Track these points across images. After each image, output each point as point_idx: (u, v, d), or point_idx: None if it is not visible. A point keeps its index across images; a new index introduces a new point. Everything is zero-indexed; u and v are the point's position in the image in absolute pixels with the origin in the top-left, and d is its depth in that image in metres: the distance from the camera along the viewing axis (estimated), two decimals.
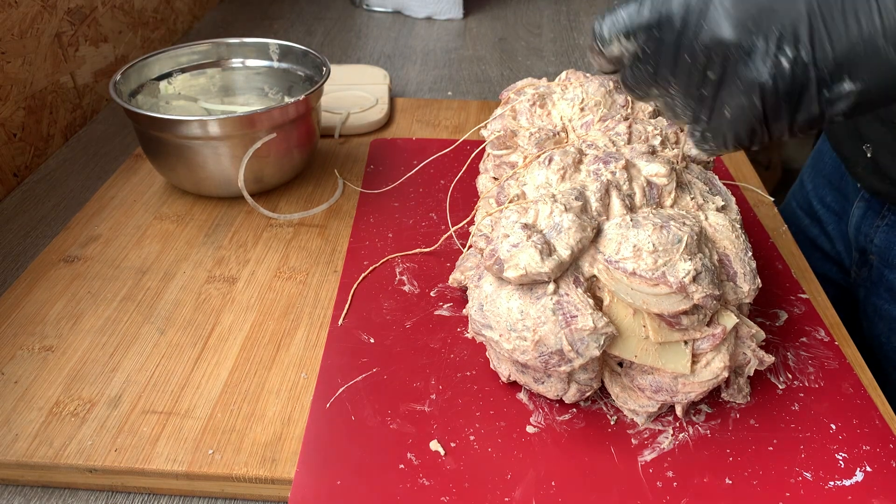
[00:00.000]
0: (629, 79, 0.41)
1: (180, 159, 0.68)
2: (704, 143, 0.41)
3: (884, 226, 0.68)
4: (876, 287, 0.70)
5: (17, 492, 0.47)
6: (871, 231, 0.70)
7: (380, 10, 1.36)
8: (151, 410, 0.49)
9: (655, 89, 0.41)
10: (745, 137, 0.38)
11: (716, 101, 0.38)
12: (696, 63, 0.37)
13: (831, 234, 0.78)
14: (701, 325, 0.45)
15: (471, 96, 1.02)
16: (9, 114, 0.77)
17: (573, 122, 0.56)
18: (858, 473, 0.45)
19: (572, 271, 0.44)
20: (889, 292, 0.68)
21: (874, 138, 0.64)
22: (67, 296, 0.59)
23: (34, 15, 0.80)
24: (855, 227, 0.72)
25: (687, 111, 0.40)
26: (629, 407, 0.48)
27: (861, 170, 0.67)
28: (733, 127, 0.38)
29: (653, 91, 0.41)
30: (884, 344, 0.69)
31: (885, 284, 0.69)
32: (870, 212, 0.70)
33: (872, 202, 0.70)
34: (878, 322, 0.70)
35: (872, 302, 0.71)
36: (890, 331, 0.68)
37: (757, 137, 0.38)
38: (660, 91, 0.40)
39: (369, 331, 0.55)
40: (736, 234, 0.47)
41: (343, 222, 0.70)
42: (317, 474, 0.44)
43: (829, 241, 0.78)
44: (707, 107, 0.39)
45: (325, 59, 0.76)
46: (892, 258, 0.68)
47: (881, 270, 0.69)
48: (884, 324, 0.69)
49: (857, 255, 0.73)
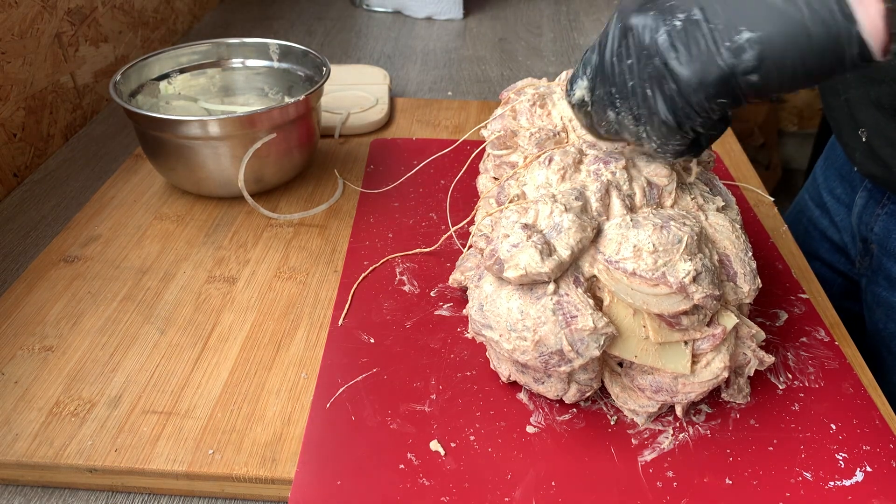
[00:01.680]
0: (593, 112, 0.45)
1: (180, 159, 0.68)
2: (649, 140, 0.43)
3: (883, 214, 0.69)
4: (875, 275, 0.71)
5: (17, 492, 0.47)
6: (872, 220, 0.71)
7: (380, 10, 1.36)
8: (151, 410, 0.49)
9: (611, 111, 0.44)
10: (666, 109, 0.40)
11: (638, 85, 0.41)
12: (621, 62, 0.41)
13: (839, 224, 0.79)
14: (701, 325, 0.45)
15: (471, 96, 1.02)
16: (9, 114, 0.77)
17: (573, 122, 0.56)
18: (858, 473, 0.45)
19: (572, 271, 0.44)
20: (887, 280, 0.69)
21: (868, 123, 0.64)
22: (67, 296, 0.59)
23: (34, 15, 0.80)
24: (857, 216, 0.73)
25: (630, 118, 0.43)
26: (629, 407, 0.48)
27: (859, 155, 0.68)
28: (654, 100, 0.40)
29: (609, 114, 0.44)
30: (881, 331, 0.70)
31: (884, 272, 0.69)
32: (871, 201, 0.71)
33: (874, 191, 0.71)
34: (877, 310, 0.71)
35: (872, 290, 0.71)
36: (887, 318, 0.69)
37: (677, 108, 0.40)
38: (612, 109, 0.43)
39: (369, 331, 0.55)
40: (736, 235, 0.47)
41: (343, 222, 0.70)
42: (317, 474, 0.44)
43: (837, 232, 0.79)
44: (635, 95, 0.41)
45: (325, 59, 0.76)
46: (891, 246, 0.68)
47: (880, 259, 0.70)
48: (882, 311, 0.70)
49: (860, 245, 0.74)
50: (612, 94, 0.43)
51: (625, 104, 0.43)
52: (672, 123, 0.41)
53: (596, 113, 0.45)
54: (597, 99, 0.44)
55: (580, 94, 0.45)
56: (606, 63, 0.42)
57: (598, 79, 0.43)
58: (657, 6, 0.39)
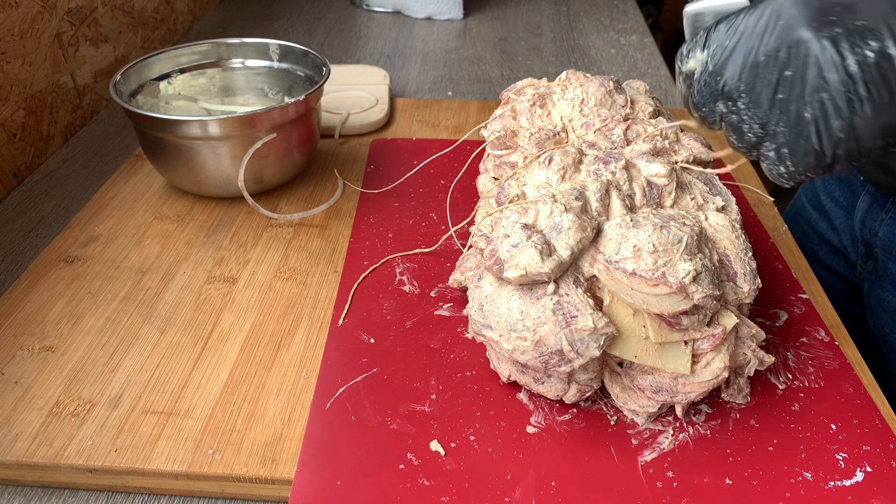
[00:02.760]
0: (696, 95, 0.41)
1: (180, 159, 0.68)
2: (780, 163, 0.39)
3: (888, 219, 0.69)
4: (880, 279, 0.71)
5: (17, 492, 0.47)
6: (876, 224, 0.70)
7: (380, 10, 1.36)
8: (151, 410, 0.49)
9: (721, 104, 0.39)
10: (829, 144, 0.36)
11: (793, 103, 0.36)
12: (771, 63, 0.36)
13: (838, 228, 0.78)
14: (701, 325, 0.45)
15: (471, 96, 1.02)
16: (9, 114, 0.77)
17: (573, 123, 0.56)
18: (858, 473, 0.45)
19: (572, 271, 0.44)
20: (893, 284, 0.69)
21: None
22: (67, 296, 0.59)
23: (34, 15, 0.80)
24: (860, 220, 0.73)
25: (755, 125, 0.38)
26: (629, 407, 0.48)
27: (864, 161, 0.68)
28: (816, 131, 0.36)
29: (718, 107, 0.40)
30: (887, 335, 0.70)
31: (890, 277, 0.69)
32: (875, 205, 0.71)
33: (878, 196, 0.70)
34: (883, 314, 0.70)
35: (877, 294, 0.71)
36: (894, 322, 0.69)
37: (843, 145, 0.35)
38: (726, 106, 0.39)
39: (369, 331, 0.55)
40: (736, 235, 0.47)
41: (343, 222, 0.70)
42: (317, 474, 0.44)
43: (836, 235, 0.79)
44: (784, 112, 0.37)
45: (325, 59, 0.76)
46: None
47: (885, 263, 0.70)
48: (888, 315, 0.70)
49: (862, 249, 0.74)
50: (740, 91, 0.38)
51: (754, 111, 0.38)
52: (828, 159, 0.36)
53: (701, 94, 0.40)
54: (710, 82, 0.39)
55: (692, 66, 0.40)
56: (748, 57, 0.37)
57: (725, 64, 0.38)
58: (842, 24, 0.34)
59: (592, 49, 1.20)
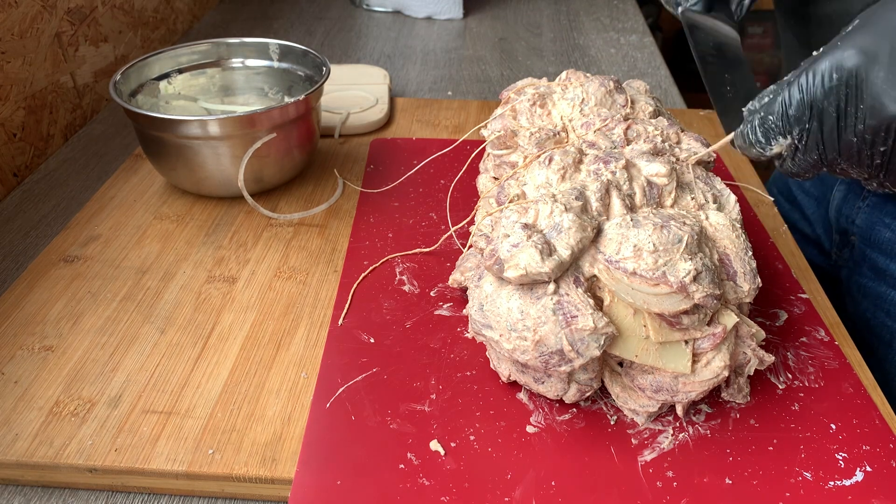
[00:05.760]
0: (792, 168, 0.43)
1: (180, 159, 0.68)
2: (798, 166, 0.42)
3: (865, 207, 0.70)
4: (859, 266, 0.72)
5: (17, 492, 0.47)
6: (853, 212, 0.72)
7: (380, 10, 1.36)
8: (151, 410, 0.49)
9: (823, 168, 0.42)
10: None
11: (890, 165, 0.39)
12: (864, 140, 0.39)
13: (811, 217, 0.81)
14: (701, 324, 0.45)
15: (471, 96, 1.02)
16: (9, 114, 0.77)
17: (573, 122, 0.56)
18: (858, 473, 0.45)
19: (572, 271, 0.44)
20: (872, 270, 0.70)
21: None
22: (67, 296, 0.59)
23: (34, 15, 0.80)
24: (836, 209, 0.74)
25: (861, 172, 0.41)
26: (629, 407, 0.48)
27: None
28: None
29: (819, 170, 0.42)
30: (870, 320, 0.71)
31: (868, 263, 0.71)
32: (850, 194, 0.72)
33: (852, 185, 0.72)
34: (863, 300, 0.72)
35: (856, 281, 0.73)
36: (875, 307, 0.70)
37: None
38: (828, 168, 0.42)
39: (369, 331, 0.55)
40: (736, 234, 0.47)
41: (343, 222, 0.70)
42: (317, 474, 0.44)
43: (809, 225, 0.81)
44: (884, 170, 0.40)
45: (325, 59, 0.76)
46: (874, 237, 0.69)
47: (863, 250, 0.71)
48: (868, 301, 0.71)
49: (837, 238, 0.75)
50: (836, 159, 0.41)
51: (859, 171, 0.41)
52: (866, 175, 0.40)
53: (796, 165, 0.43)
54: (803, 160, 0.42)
55: (777, 152, 0.43)
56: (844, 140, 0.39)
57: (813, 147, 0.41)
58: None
59: (592, 49, 1.20)
